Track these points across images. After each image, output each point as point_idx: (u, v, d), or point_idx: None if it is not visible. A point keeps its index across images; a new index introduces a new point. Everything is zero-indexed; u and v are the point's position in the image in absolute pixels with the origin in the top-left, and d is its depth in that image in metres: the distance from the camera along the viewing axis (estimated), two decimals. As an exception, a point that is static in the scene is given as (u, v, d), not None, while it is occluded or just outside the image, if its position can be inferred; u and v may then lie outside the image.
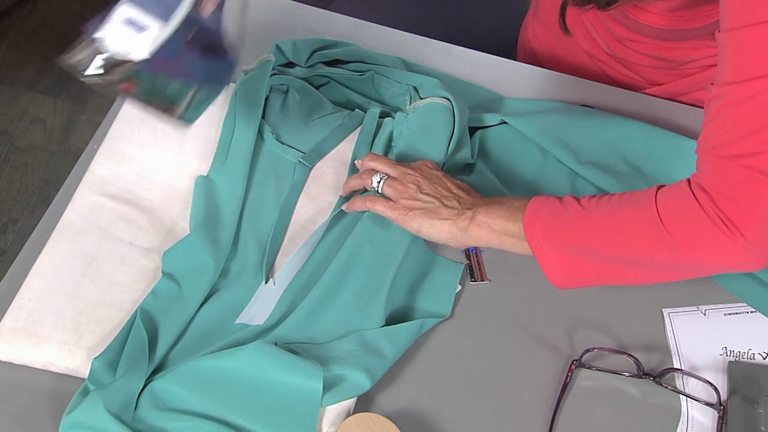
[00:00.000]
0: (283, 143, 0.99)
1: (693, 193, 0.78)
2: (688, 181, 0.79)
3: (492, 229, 0.87)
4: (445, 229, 0.89)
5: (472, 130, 1.01)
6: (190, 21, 0.79)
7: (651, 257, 0.80)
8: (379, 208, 0.91)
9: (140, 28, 0.77)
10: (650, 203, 0.79)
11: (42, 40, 2.15)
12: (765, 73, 0.72)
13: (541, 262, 0.84)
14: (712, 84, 0.77)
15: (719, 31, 0.76)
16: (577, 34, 1.13)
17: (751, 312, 0.92)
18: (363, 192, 0.95)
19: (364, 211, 0.93)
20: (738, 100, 0.74)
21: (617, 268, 0.83)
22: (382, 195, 0.92)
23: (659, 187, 0.81)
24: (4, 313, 0.85)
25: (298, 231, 0.94)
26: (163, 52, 0.77)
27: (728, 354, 0.90)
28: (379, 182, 0.92)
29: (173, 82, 0.81)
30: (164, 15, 0.77)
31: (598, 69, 1.16)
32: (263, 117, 0.99)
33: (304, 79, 1.03)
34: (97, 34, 0.78)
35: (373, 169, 0.94)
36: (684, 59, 1.05)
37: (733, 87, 0.74)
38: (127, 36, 0.77)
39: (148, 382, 0.81)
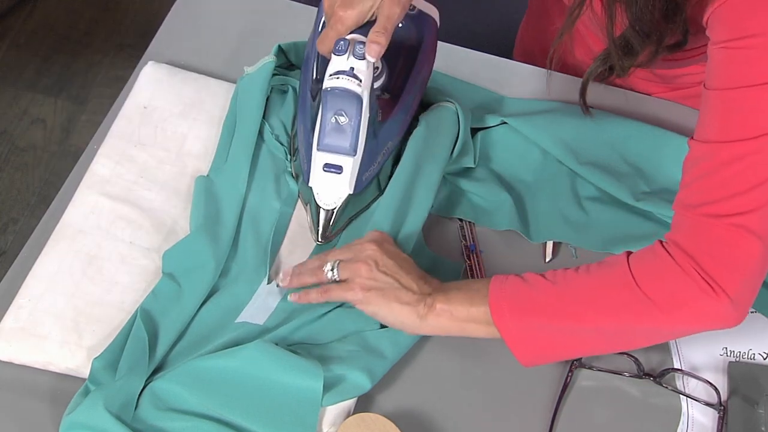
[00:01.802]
0: (283, 143, 0.99)
1: (670, 254, 0.77)
2: (660, 242, 0.79)
3: (454, 317, 0.83)
4: (404, 315, 0.83)
5: (473, 132, 1.01)
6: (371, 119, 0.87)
7: (631, 324, 0.79)
8: (334, 295, 0.85)
9: (338, 169, 0.87)
10: (623, 270, 0.78)
11: (42, 40, 2.15)
12: (754, 135, 0.72)
13: (509, 343, 0.81)
14: (691, 138, 0.78)
15: (705, 87, 0.76)
16: (575, 46, 1.13)
17: (752, 312, 0.92)
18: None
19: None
20: (726, 160, 0.74)
21: (592, 338, 0.81)
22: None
23: (628, 253, 0.80)
24: (4, 313, 0.85)
25: (298, 231, 0.94)
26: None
27: (728, 354, 0.90)
28: (332, 270, 0.85)
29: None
30: (352, 149, 0.86)
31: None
32: (264, 117, 0.99)
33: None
34: (310, 184, 0.89)
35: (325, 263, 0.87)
36: (676, 74, 1.05)
37: (720, 146, 0.74)
38: (330, 182, 0.88)
39: (149, 382, 0.81)
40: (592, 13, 0.83)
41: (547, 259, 0.95)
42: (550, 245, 0.96)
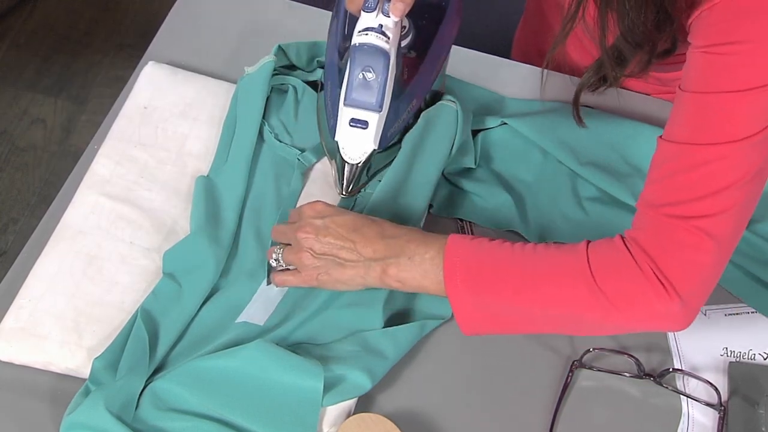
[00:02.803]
0: (283, 143, 0.99)
1: (629, 251, 0.77)
2: (621, 237, 0.79)
3: (407, 286, 0.84)
4: (355, 282, 0.85)
5: (474, 133, 1.01)
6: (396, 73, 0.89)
7: (580, 313, 0.79)
8: (293, 281, 0.87)
9: (364, 124, 0.88)
10: (581, 259, 0.78)
11: (42, 40, 2.15)
12: (725, 140, 0.73)
13: (458, 315, 0.81)
14: (659, 137, 0.78)
15: (680, 88, 0.77)
16: (571, 49, 1.13)
17: (752, 312, 0.92)
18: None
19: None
20: (695, 163, 0.74)
21: (539, 320, 0.81)
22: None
23: (588, 242, 0.80)
24: (5, 313, 0.85)
25: (299, 231, 0.94)
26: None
27: (729, 354, 0.90)
28: (278, 260, 0.88)
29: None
30: (378, 105, 0.87)
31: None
32: (264, 117, 0.99)
33: (305, 81, 1.03)
34: (336, 138, 0.90)
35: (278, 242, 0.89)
36: (670, 78, 1.06)
37: (690, 148, 0.75)
38: (355, 137, 0.89)
39: (149, 382, 0.81)
40: (585, 25, 0.84)
41: (548, 259, 0.95)
42: (550, 245, 0.96)
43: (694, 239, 0.75)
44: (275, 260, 0.88)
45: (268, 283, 0.89)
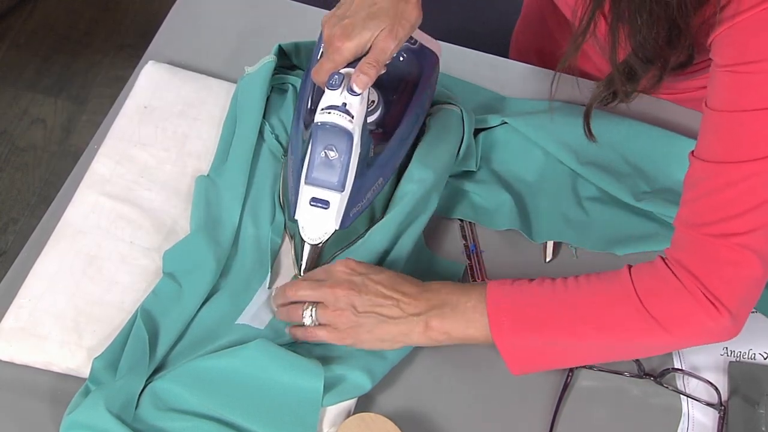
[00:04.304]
0: (282, 143, 0.99)
1: (674, 273, 0.78)
2: (662, 259, 0.80)
3: (451, 338, 0.83)
4: (399, 340, 0.83)
5: (475, 133, 1.01)
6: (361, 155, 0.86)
7: (631, 340, 0.80)
8: (323, 340, 0.84)
9: (325, 204, 0.85)
10: (626, 286, 0.79)
11: (42, 40, 2.15)
12: (758, 157, 0.73)
13: (507, 359, 0.81)
14: (692, 155, 0.78)
15: (708, 106, 0.77)
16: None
17: (752, 312, 0.92)
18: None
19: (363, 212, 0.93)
20: (731, 181, 0.75)
21: (589, 352, 0.82)
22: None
23: (629, 267, 0.80)
24: (5, 313, 0.85)
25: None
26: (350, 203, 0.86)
27: (729, 354, 0.90)
28: (311, 316, 0.84)
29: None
30: (340, 185, 0.84)
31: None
32: (264, 117, 0.99)
33: (305, 80, 1.03)
34: (295, 217, 0.87)
35: (299, 300, 0.85)
36: (679, 80, 1.05)
37: (725, 166, 0.75)
38: (316, 217, 0.86)
39: (149, 382, 0.81)
40: (596, 40, 0.83)
41: (547, 259, 0.95)
42: (550, 245, 0.96)
43: (737, 256, 0.76)
44: (310, 318, 0.84)
45: (269, 286, 0.89)
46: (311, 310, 0.84)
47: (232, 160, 0.95)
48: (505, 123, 1.02)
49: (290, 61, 1.04)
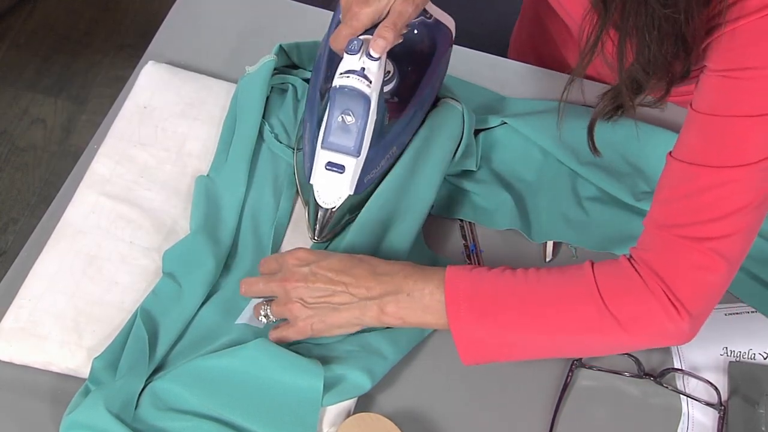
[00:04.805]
0: (282, 143, 0.99)
1: (638, 273, 0.77)
2: (627, 258, 0.79)
3: (407, 323, 0.82)
4: (353, 323, 0.83)
5: (475, 133, 1.01)
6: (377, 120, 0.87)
7: (589, 337, 0.79)
8: (290, 336, 0.84)
9: (340, 168, 0.86)
10: (589, 284, 0.78)
11: (42, 40, 2.15)
12: (740, 163, 0.73)
13: (459, 346, 0.80)
14: (670, 155, 0.78)
15: (693, 108, 0.76)
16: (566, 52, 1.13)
17: (752, 312, 0.92)
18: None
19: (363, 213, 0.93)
20: (708, 185, 0.74)
21: (545, 347, 0.81)
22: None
23: (592, 263, 0.80)
24: (4, 313, 0.85)
25: (298, 230, 0.94)
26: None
27: (729, 354, 0.90)
28: (267, 315, 0.85)
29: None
30: (356, 149, 0.86)
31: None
32: (264, 117, 0.99)
33: (306, 80, 1.03)
34: (311, 181, 0.88)
35: (253, 296, 0.86)
36: (682, 91, 1.05)
37: (704, 170, 0.75)
38: (331, 181, 0.87)
39: (149, 382, 0.81)
40: (603, 56, 0.83)
41: (547, 259, 0.95)
42: (550, 245, 0.96)
43: (708, 261, 0.75)
44: (264, 316, 0.85)
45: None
46: (265, 308, 0.85)
47: (231, 160, 0.95)
48: (505, 123, 1.02)
49: (291, 60, 1.04)
